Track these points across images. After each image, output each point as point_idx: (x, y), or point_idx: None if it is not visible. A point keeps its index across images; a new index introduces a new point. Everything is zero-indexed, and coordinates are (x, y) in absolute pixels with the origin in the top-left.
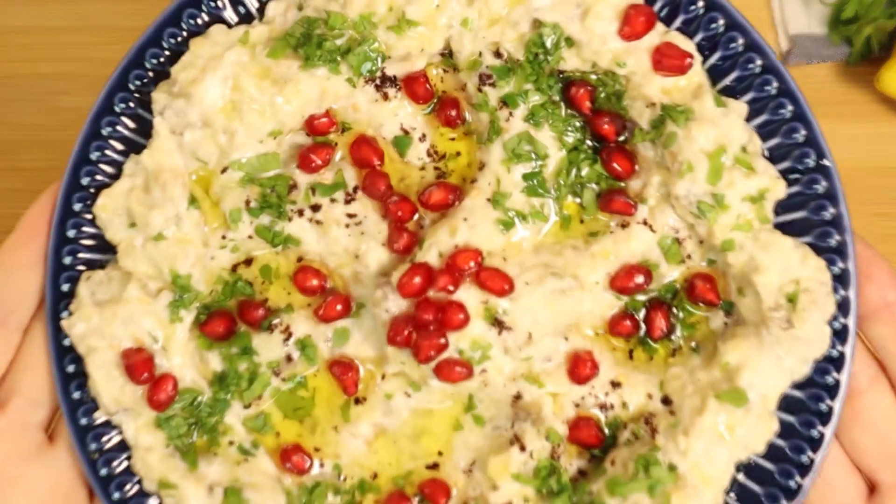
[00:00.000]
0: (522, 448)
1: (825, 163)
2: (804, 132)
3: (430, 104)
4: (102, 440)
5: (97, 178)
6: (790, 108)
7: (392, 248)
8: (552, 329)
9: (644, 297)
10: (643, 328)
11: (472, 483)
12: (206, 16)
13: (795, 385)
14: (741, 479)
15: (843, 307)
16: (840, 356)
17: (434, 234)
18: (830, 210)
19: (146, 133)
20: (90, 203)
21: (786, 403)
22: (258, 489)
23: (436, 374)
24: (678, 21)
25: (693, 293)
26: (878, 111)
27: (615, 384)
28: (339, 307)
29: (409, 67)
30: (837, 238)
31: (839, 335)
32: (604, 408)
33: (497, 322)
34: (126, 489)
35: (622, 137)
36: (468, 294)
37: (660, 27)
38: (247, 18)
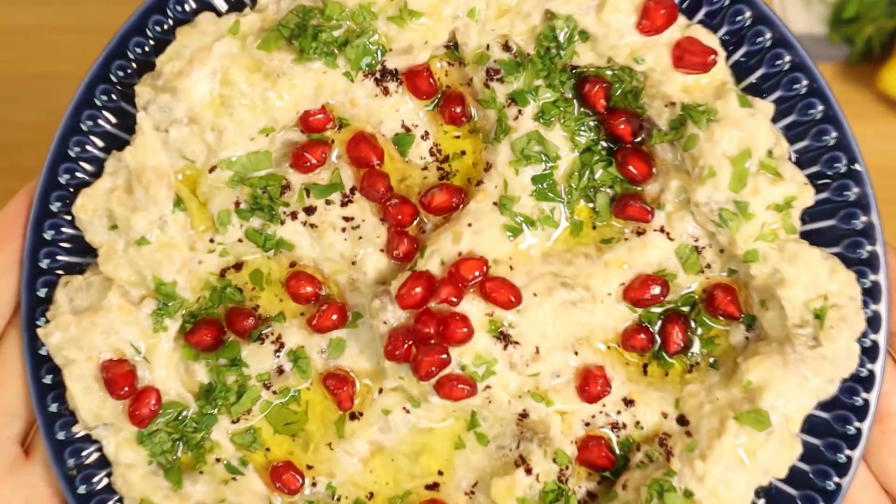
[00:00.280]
0: (528, 471)
1: (857, 167)
2: (835, 134)
3: (434, 100)
4: (81, 455)
5: (77, 176)
6: (820, 109)
7: (391, 255)
8: (561, 343)
9: (660, 309)
10: (658, 342)
11: None
12: (194, 2)
13: (821, 405)
14: None
15: (874, 323)
16: (869, 375)
17: (436, 241)
18: (862, 219)
19: (129, 128)
20: (69, 202)
21: (810, 425)
22: None
23: (437, 391)
24: (701, 13)
25: (712, 305)
26: (879, 111)
27: (628, 402)
28: (335, 317)
29: (412, 61)
30: (869, 249)
31: (868, 353)
32: (615, 427)
33: (503, 336)
34: None
35: (639, 138)
36: (472, 305)
37: (681, 20)
38: (237, 6)
